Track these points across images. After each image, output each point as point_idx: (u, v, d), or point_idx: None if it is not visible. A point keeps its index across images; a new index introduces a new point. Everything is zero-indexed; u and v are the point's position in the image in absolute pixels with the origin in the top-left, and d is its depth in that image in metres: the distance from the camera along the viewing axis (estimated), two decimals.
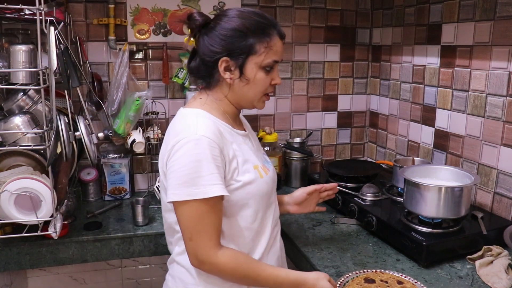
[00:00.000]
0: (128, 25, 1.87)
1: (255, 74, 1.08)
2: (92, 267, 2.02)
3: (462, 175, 1.43)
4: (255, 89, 1.10)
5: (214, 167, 0.99)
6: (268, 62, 1.08)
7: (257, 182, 1.09)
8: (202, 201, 0.98)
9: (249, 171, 1.09)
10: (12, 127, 1.32)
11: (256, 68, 1.08)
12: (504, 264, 1.22)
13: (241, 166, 1.08)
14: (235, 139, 1.11)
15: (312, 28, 2.11)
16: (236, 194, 1.06)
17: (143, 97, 1.76)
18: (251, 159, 1.12)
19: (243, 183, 1.07)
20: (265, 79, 1.10)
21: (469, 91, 1.63)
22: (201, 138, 0.99)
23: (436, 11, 1.76)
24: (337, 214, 1.69)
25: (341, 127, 2.26)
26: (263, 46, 1.06)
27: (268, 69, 1.09)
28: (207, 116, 1.08)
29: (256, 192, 1.09)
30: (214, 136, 1.01)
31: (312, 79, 2.16)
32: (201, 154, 0.99)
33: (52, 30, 1.26)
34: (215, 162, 1.00)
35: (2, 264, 1.43)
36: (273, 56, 1.08)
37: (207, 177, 0.98)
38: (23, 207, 1.30)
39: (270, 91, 1.14)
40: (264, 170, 1.15)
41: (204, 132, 1.01)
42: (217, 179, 1.00)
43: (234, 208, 1.08)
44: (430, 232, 1.35)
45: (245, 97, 1.12)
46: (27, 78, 1.32)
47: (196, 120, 1.05)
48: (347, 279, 1.18)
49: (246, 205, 1.09)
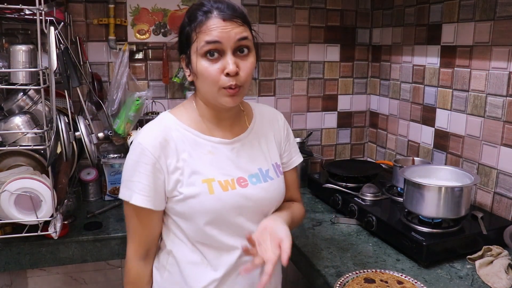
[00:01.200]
0: (128, 25, 1.87)
1: (196, 64, 0.97)
2: (92, 267, 2.02)
3: (462, 175, 1.43)
4: (206, 82, 0.98)
5: (141, 176, 0.98)
6: (201, 46, 0.95)
7: (201, 197, 1.00)
8: (130, 204, 0.99)
9: (194, 184, 1.00)
10: (12, 127, 1.32)
11: (195, 58, 0.97)
12: (504, 264, 1.22)
13: (187, 178, 1.00)
14: (197, 147, 1.03)
15: (312, 28, 2.11)
16: (180, 206, 1.02)
17: (143, 97, 1.76)
18: (205, 172, 1.01)
19: (184, 196, 1.00)
20: (208, 67, 0.95)
21: (469, 91, 1.63)
22: (137, 144, 0.99)
23: (436, 11, 1.76)
24: (337, 214, 1.69)
25: (341, 127, 2.26)
26: (196, 31, 0.96)
27: (210, 56, 0.95)
28: (167, 120, 1.04)
29: (200, 208, 1.00)
30: (150, 145, 0.99)
31: (312, 79, 2.16)
32: (133, 161, 0.99)
33: (52, 30, 1.26)
34: (143, 171, 0.98)
35: (2, 264, 1.43)
36: (205, 37, 0.94)
37: (134, 184, 0.99)
38: (23, 207, 1.30)
39: (226, 83, 0.96)
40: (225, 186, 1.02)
41: (143, 139, 1.00)
42: (141, 188, 0.98)
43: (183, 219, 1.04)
44: (430, 232, 1.35)
45: (205, 93, 1.02)
46: (27, 78, 1.32)
47: (149, 125, 1.04)
48: (347, 279, 1.18)
49: (190, 219, 1.02)
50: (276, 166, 1.13)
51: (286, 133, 1.19)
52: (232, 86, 0.96)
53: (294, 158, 1.21)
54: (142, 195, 0.99)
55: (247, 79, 0.99)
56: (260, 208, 1.07)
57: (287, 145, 1.19)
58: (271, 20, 2.04)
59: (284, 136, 1.18)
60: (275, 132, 1.16)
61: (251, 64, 1.00)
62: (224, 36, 0.94)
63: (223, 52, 0.95)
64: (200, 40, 0.95)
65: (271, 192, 1.08)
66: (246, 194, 1.03)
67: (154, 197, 1.00)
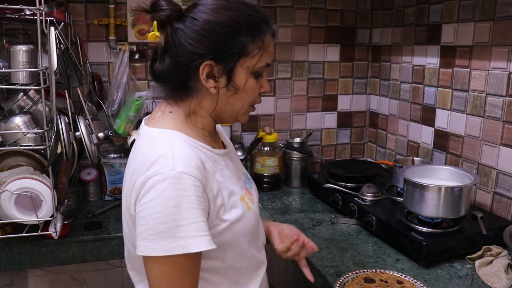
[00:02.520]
0: (128, 25, 1.87)
1: (246, 81, 0.87)
2: (92, 267, 2.02)
3: (462, 175, 1.43)
4: (244, 99, 0.90)
5: (198, 213, 0.78)
6: (261, 66, 0.88)
7: (246, 217, 0.90)
8: (181, 256, 0.77)
9: (236, 205, 0.89)
10: (13, 127, 1.32)
11: (247, 73, 0.87)
12: (503, 264, 1.23)
13: (227, 201, 0.87)
14: (217, 165, 0.91)
15: (312, 28, 2.11)
16: (223, 236, 0.86)
17: (143, 97, 1.77)
18: (236, 189, 0.92)
19: (230, 223, 0.86)
20: (256, 86, 0.90)
21: (468, 91, 1.63)
22: (181, 175, 0.77)
23: (436, 11, 1.76)
24: (337, 214, 1.69)
25: (341, 127, 2.27)
26: (257, 46, 0.86)
27: (258, 74, 0.90)
28: (184, 139, 0.85)
29: (245, 231, 0.90)
30: (196, 171, 0.80)
31: (312, 79, 2.16)
32: (182, 197, 0.77)
33: (52, 30, 1.26)
34: (200, 206, 0.79)
35: (2, 264, 1.43)
36: (267, 59, 0.89)
37: (189, 227, 0.77)
38: (23, 207, 1.30)
39: (258, 101, 0.94)
40: (250, 198, 0.96)
41: (185, 167, 0.78)
42: (202, 228, 0.78)
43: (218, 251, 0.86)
44: (430, 232, 1.35)
45: (230, 109, 0.91)
46: (28, 78, 1.32)
47: (172, 149, 0.81)
48: (347, 279, 1.18)
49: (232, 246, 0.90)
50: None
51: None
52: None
53: None
54: (204, 236, 0.78)
55: None
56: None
57: None
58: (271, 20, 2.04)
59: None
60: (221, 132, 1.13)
61: None
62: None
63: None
64: (262, 60, 0.88)
65: (257, 193, 1.08)
66: (256, 201, 1.01)
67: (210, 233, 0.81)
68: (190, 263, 0.80)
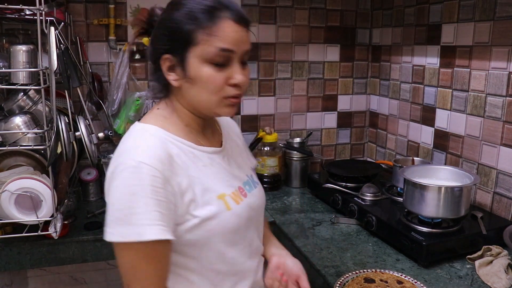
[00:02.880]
0: (128, 25, 1.87)
1: (198, 70, 0.86)
2: (92, 267, 2.02)
3: (462, 175, 1.43)
4: (207, 90, 0.87)
5: (153, 203, 0.80)
6: (210, 51, 0.84)
7: (220, 216, 0.88)
8: (139, 244, 0.79)
9: (210, 203, 0.88)
10: (13, 127, 1.32)
11: (198, 62, 0.85)
12: (503, 264, 1.23)
13: (200, 197, 0.87)
14: (197, 161, 0.91)
15: (312, 28, 2.11)
16: (194, 233, 0.86)
17: (143, 97, 1.77)
18: (216, 187, 0.91)
19: (201, 220, 0.86)
20: (214, 76, 0.86)
21: (468, 91, 1.63)
22: (140, 165, 0.80)
23: (436, 11, 1.76)
24: (337, 214, 1.69)
25: (341, 127, 2.27)
26: (206, 33, 0.84)
27: (218, 63, 0.86)
28: (159, 133, 0.89)
29: (219, 230, 0.89)
30: (157, 163, 0.81)
31: (312, 79, 2.16)
32: (138, 186, 0.79)
33: (52, 30, 1.26)
34: (155, 196, 0.80)
35: (2, 264, 1.43)
36: (218, 43, 0.84)
37: (143, 215, 0.79)
38: (23, 207, 1.30)
39: (231, 93, 0.88)
40: (236, 199, 0.93)
41: (145, 157, 0.81)
42: (156, 218, 0.80)
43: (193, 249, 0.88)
44: (430, 232, 1.35)
45: (198, 102, 0.90)
46: (28, 78, 1.32)
47: (140, 141, 0.86)
48: (347, 279, 1.18)
49: (206, 245, 0.89)
50: (253, 170, 1.10)
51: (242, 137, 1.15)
52: (237, 95, 0.89)
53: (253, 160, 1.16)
54: (159, 225, 0.80)
55: (246, 90, 0.93)
56: (259, 217, 1.03)
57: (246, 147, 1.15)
58: (271, 20, 2.04)
59: (243, 140, 1.15)
60: (238, 136, 1.12)
61: (249, 74, 0.93)
62: (237, 44, 0.86)
63: (231, 60, 0.87)
64: (210, 45, 0.84)
65: (261, 197, 1.04)
66: (250, 204, 0.97)
67: (170, 226, 0.82)
68: (150, 252, 0.81)
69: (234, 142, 1.08)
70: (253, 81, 2.07)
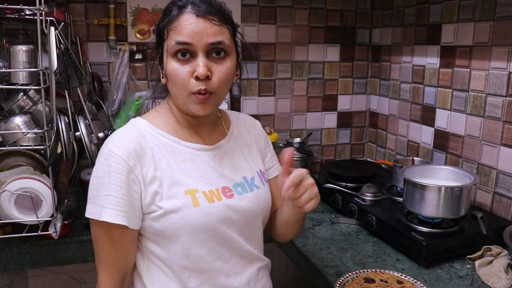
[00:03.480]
0: (128, 25, 1.87)
1: (168, 65, 0.89)
2: (92, 267, 2.00)
3: (462, 175, 1.43)
4: (175, 85, 0.89)
5: (113, 188, 0.87)
6: (171, 45, 0.87)
7: (185, 211, 0.89)
8: (99, 223, 0.88)
9: (176, 196, 0.90)
10: (13, 127, 1.32)
11: (166, 58, 0.89)
12: (503, 264, 1.23)
13: (167, 189, 0.90)
14: (175, 155, 0.93)
15: (312, 28, 2.11)
16: (160, 223, 0.90)
17: (143, 97, 1.77)
18: (187, 182, 0.91)
19: (164, 211, 0.89)
20: (177, 69, 0.87)
21: (468, 91, 1.63)
22: (108, 153, 0.88)
23: (436, 11, 1.76)
24: (337, 214, 1.69)
25: (341, 127, 2.27)
26: (171, 28, 0.87)
27: (181, 56, 0.87)
28: (141, 126, 0.94)
29: (183, 224, 0.89)
30: (123, 152, 0.88)
31: (312, 79, 2.16)
32: (103, 171, 0.88)
33: (52, 30, 1.26)
34: (116, 182, 0.87)
35: (2, 264, 1.43)
36: (177, 36, 0.86)
37: (103, 198, 0.87)
38: (23, 207, 1.30)
39: (195, 88, 0.87)
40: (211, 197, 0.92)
41: (113, 146, 0.88)
42: (112, 202, 0.87)
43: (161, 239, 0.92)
44: (430, 232, 1.35)
45: (175, 99, 0.94)
46: (28, 78, 1.32)
47: (119, 132, 0.93)
48: (347, 279, 1.18)
49: (172, 239, 0.91)
50: (261, 174, 1.06)
51: (265, 139, 1.13)
52: (202, 91, 0.87)
53: (277, 165, 1.13)
54: (115, 210, 0.87)
55: (220, 85, 0.89)
56: (247, 221, 0.98)
57: (268, 151, 1.13)
58: (271, 20, 2.04)
59: (264, 142, 1.12)
60: (256, 138, 1.11)
61: (226, 69, 0.89)
62: (195, 36, 0.85)
63: (194, 53, 0.87)
64: (171, 39, 0.87)
65: (257, 202, 1.00)
66: (232, 205, 0.94)
67: (129, 212, 0.88)
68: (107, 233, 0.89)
69: (242, 143, 1.06)
70: (253, 81, 2.07)
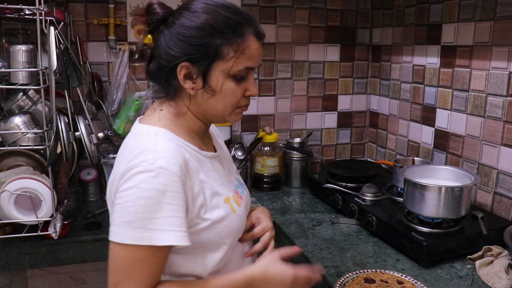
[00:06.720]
0: (128, 25, 1.87)
1: (222, 84, 0.88)
2: (92, 267, 2.02)
3: (462, 175, 1.43)
4: (224, 101, 0.90)
5: (173, 208, 0.80)
6: (238, 69, 0.87)
7: (228, 219, 0.92)
8: (140, 247, 0.79)
9: (219, 206, 0.91)
10: (12, 127, 1.32)
11: (223, 76, 0.87)
12: (504, 264, 1.22)
13: (210, 201, 0.89)
14: (203, 165, 0.92)
15: (312, 28, 2.11)
16: (204, 235, 0.88)
17: (143, 97, 1.77)
18: (221, 191, 0.94)
19: (211, 222, 0.88)
20: (235, 89, 0.89)
21: (469, 91, 1.63)
22: (159, 170, 0.80)
23: (436, 11, 1.76)
24: (337, 214, 1.69)
25: (341, 127, 2.26)
26: (232, 49, 0.86)
27: (239, 77, 0.89)
28: (170, 137, 0.88)
29: (227, 232, 0.92)
30: (176, 168, 0.82)
31: (312, 79, 2.16)
32: (157, 191, 0.79)
33: (52, 30, 1.26)
34: (175, 202, 0.81)
35: (2, 264, 1.43)
36: (246, 62, 0.87)
37: (162, 220, 0.79)
38: (23, 207, 1.30)
39: (244, 103, 0.93)
40: (237, 201, 0.97)
41: (165, 162, 0.81)
42: (177, 223, 0.81)
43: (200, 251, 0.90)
44: (430, 232, 1.35)
45: (212, 111, 0.92)
46: (27, 78, 1.32)
47: (155, 144, 0.84)
48: (347, 279, 1.18)
49: (215, 248, 0.91)
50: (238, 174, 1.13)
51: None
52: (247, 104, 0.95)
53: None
54: (180, 231, 0.81)
55: None
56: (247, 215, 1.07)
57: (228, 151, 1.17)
58: (271, 20, 2.04)
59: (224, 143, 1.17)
60: (222, 139, 1.16)
61: None
62: (259, 60, 0.91)
63: (249, 74, 0.91)
64: (239, 63, 0.87)
65: (249, 199, 1.10)
66: (246, 206, 1.03)
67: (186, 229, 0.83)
68: (150, 256, 0.80)
69: (221, 144, 1.11)
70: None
